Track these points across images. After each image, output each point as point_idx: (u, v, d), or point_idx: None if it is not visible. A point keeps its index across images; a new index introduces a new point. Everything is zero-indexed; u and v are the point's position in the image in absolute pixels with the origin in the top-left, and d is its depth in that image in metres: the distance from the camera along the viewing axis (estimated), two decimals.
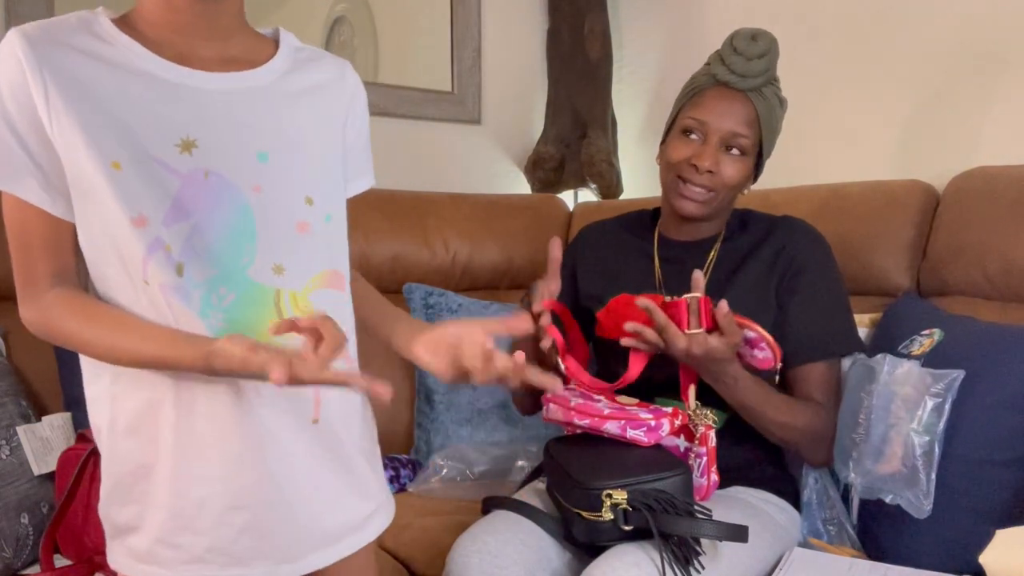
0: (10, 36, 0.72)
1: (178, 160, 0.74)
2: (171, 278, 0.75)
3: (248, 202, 0.78)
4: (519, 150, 2.34)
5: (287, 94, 0.82)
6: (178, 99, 0.75)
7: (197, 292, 0.75)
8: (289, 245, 0.80)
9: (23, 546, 1.19)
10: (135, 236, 0.73)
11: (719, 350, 1.07)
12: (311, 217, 0.82)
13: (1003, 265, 1.35)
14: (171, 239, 0.74)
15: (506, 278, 1.97)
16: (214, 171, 0.76)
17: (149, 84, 0.75)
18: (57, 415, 1.31)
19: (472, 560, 1.02)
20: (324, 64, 0.88)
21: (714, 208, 1.26)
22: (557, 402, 1.17)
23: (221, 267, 0.77)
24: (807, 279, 1.25)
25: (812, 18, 1.87)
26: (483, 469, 1.57)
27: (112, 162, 0.72)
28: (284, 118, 0.81)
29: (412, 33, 2.20)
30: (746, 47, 1.23)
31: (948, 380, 1.11)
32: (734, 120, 1.22)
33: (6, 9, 1.58)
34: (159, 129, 0.74)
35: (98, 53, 0.74)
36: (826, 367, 1.24)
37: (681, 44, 2.20)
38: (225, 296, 0.77)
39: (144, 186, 0.73)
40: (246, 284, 0.78)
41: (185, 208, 0.75)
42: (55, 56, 0.72)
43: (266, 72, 0.82)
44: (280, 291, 0.80)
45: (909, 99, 1.71)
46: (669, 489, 1.00)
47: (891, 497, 1.13)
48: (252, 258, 0.78)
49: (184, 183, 0.75)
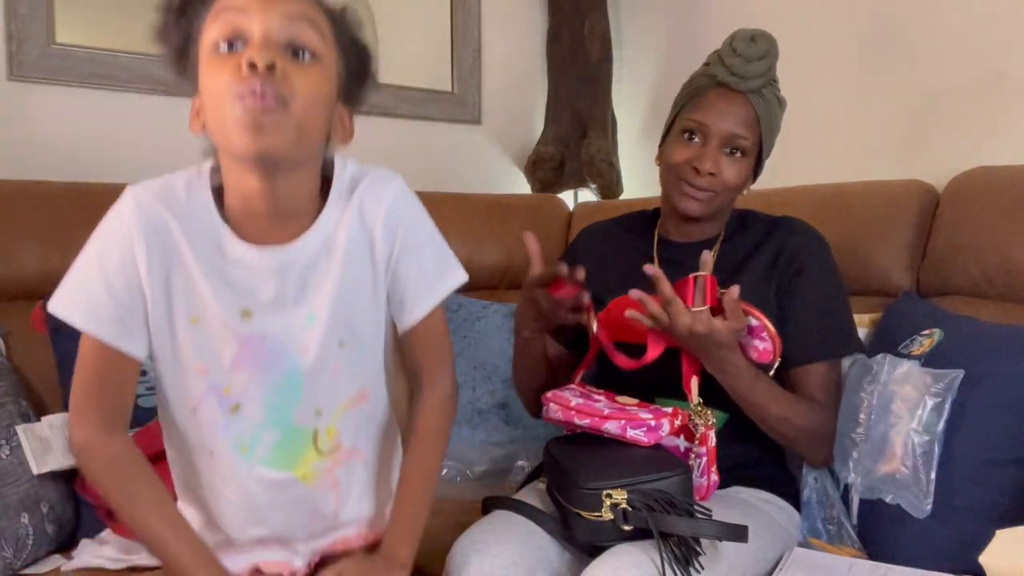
0: (127, 197, 0.84)
1: (240, 325, 0.86)
2: (221, 417, 0.87)
3: (298, 365, 0.88)
4: (519, 150, 2.34)
5: (333, 248, 0.89)
6: (240, 272, 0.86)
7: (247, 432, 0.88)
8: (327, 390, 0.91)
9: (23, 546, 1.19)
10: (197, 380, 0.86)
11: (722, 332, 1.07)
12: (343, 358, 0.91)
13: (1003, 265, 1.35)
14: (229, 385, 0.86)
15: (506, 278, 1.97)
16: (270, 335, 0.87)
17: (223, 258, 0.86)
18: (57, 415, 1.31)
19: (472, 560, 1.02)
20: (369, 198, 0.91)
21: (715, 208, 1.26)
22: (557, 402, 1.17)
23: (270, 415, 0.88)
24: (807, 279, 1.25)
25: (812, 18, 1.87)
26: (483, 469, 1.57)
27: (192, 317, 0.85)
28: (332, 275, 0.89)
29: (412, 33, 2.20)
30: (746, 48, 1.23)
31: (948, 380, 1.11)
32: (734, 121, 1.22)
33: (6, 9, 1.59)
34: (226, 297, 0.85)
35: (192, 226, 0.85)
36: (826, 367, 1.24)
37: (681, 44, 2.20)
38: (270, 438, 0.89)
39: (212, 341, 0.85)
40: (289, 428, 0.90)
41: (244, 364, 0.86)
42: (159, 222, 0.84)
43: (314, 235, 0.88)
44: (317, 429, 0.91)
45: (909, 99, 1.71)
46: (669, 489, 1.00)
47: (891, 497, 1.13)
48: (297, 406, 0.89)
49: (242, 344, 0.86)
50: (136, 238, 0.83)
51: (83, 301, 0.84)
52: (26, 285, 1.44)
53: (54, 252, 1.46)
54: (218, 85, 0.79)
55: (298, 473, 0.91)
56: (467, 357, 1.70)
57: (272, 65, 0.77)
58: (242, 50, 0.79)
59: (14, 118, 1.61)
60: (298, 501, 0.93)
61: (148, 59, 1.74)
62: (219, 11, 0.80)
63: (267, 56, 0.77)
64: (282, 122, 0.78)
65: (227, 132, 0.79)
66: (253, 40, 0.79)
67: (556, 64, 2.29)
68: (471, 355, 1.71)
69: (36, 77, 1.62)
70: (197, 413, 0.88)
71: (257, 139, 0.78)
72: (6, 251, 1.43)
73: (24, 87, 1.62)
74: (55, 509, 1.25)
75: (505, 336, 1.75)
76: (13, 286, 1.44)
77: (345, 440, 0.94)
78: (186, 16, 0.83)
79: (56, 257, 1.46)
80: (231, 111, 0.78)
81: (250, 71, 0.76)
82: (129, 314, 0.84)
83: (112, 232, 0.84)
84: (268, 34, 0.79)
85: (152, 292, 0.84)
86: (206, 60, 0.81)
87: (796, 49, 1.88)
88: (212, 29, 0.80)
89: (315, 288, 0.88)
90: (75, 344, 1.35)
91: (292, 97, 0.79)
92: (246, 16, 0.79)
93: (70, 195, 1.51)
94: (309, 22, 0.81)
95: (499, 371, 1.72)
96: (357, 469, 0.97)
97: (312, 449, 0.92)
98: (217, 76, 0.79)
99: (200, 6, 0.82)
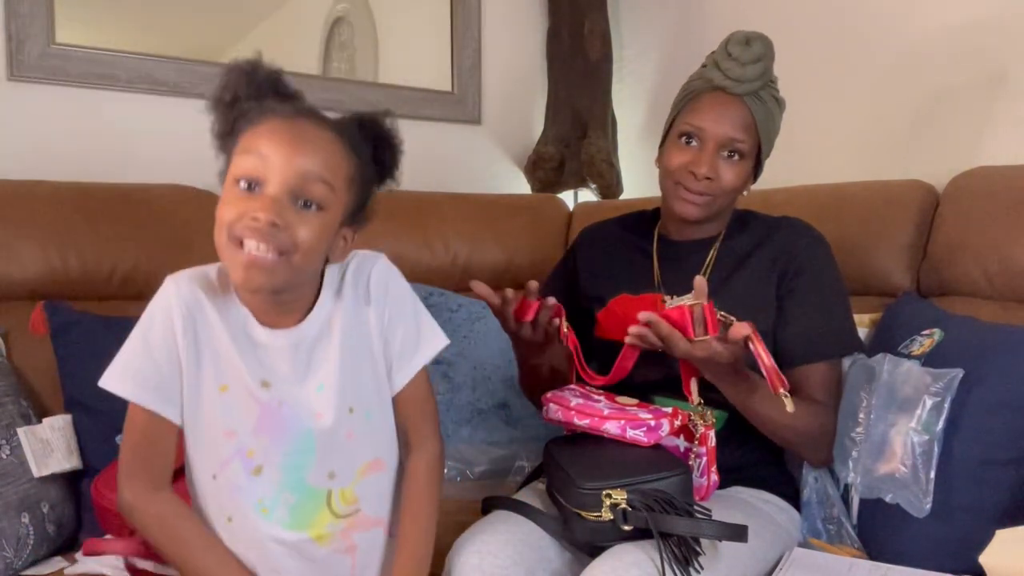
0: (168, 283, 0.96)
1: (260, 392, 0.95)
2: (244, 480, 0.95)
3: (311, 427, 0.96)
4: (519, 150, 2.34)
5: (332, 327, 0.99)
6: (259, 350, 0.96)
7: (268, 494, 0.96)
8: (340, 453, 0.98)
9: (23, 546, 1.19)
10: (225, 444, 0.95)
11: (723, 355, 1.06)
12: (354, 424, 0.99)
13: (1003, 265, 1.35)
14: (254, 447, 0.95)
15: (506, 278, 1.97)
16: (286, 402, 0.96)
17: (247, 336, 0.96)
18: (58, 417, 1.31)
19: (472, 560, 1.02)
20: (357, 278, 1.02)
21: (714, 211, 1.27)
22: (557, 402, 1.17)
23: (286, 476, 0.96)
24: (807, 279, 1.25)
25: (812, 17, 1.87)
26: (483, 469, 1.57)
27: (221, 385, 0.95)
28: (333, 349, 0.98)
29: (412, 33, 2.20)
30: (741, 52, 1.22)
31: (947, 379, 1.11)
32: (731, 125, 1.22)
33: (6, 9, 1.59)
34: (249, 370, 0.95)
35: (221, 307, 0.96)
36: (827, 367, 1.24)
37: (681, 44, 2.20)
38: (288, 500, 0.96)
39: (238, 407, 0.95)
40: (305, 489, 0.97)
41: (265, 428, 0.95)
42: (194, 303, 0.95)
43: (314, 319, 0.98)
44: (331, 491, 0.98)
45: (909, 99, 1.71)
46: (669, 489, 1.00)
47: (891, 496, 1.13)
48: (311, 468, 0.97)
49: (263, 410, 0.95)
50: (176, 316, 0.93)
51: (132, 374, 0.94)
52: (26, 285, 1.44)
53: (54, 252, 1.46)
54: (228, 215, 0.88)
55: (312, 534, 0.97)
56: (467, 357, 1.70)
57: (275, 223, 0.87)
58: (257, 194, 0.88)
59: (14, 118, 1.61)
60: (315, 563, 0.98)
61: (148, 59, 1.74)
62: (248, 147, 0.90)
63: (271, 213, 0.87)
64: (278, 271, 0.89)
65: (228, 266, 0.91)
66: (266, 192, 0.88)
67: (556, 64, 2.29)
68: (471, 355, 1.71)
69: (36, 77, 1.62)
70: (218, 479, 0.96)
71: (250, 280, 0.89)
72: (6, 251, 1.43)
73: (24, 87, 1.62)
74: (56, 509, 1.25)
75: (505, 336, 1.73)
76: (13, 286, 1.44)
77: (365, 507, 1.01)
78: (233, 112, 0.94)
79: (56, 257, 1.46)
80: (232, 255, 0.88)
81: (255, 221, 0.86)
82: (168, 384, 0.94)
83: (156, 312, 0.95)
84: (279, 191, 0.88)
85: (187, 363, 0.94)
86: (230, 181, 0.91)
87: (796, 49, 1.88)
88: (240, 159, 0.90)
89: (321, 362, 0.98)
90: (75, 345, 1.37)
91: (294, 248, 0.89)
92: (266, 166, 0.88)
93: (70, 195, 1.51)
94: (321, 181, 0.90)
95: (499, 371, 1.72)
96: (379, 538, 1.03)
97: (326, 510, 0.98)
98: (230, 207, 0.89)
99: (243, 120, 0.92)
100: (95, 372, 1.35)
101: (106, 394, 1.32)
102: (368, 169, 0.99)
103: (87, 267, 1.49)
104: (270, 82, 0.95)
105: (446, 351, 1.62)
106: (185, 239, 1.58)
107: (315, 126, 0.93)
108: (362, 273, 1.02)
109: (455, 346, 1.69)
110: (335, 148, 0.93)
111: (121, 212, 1.53)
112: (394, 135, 1.03)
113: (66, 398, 1.36)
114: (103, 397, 1.33)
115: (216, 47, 1.88)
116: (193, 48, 1.82)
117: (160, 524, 0.95)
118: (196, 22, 1.87)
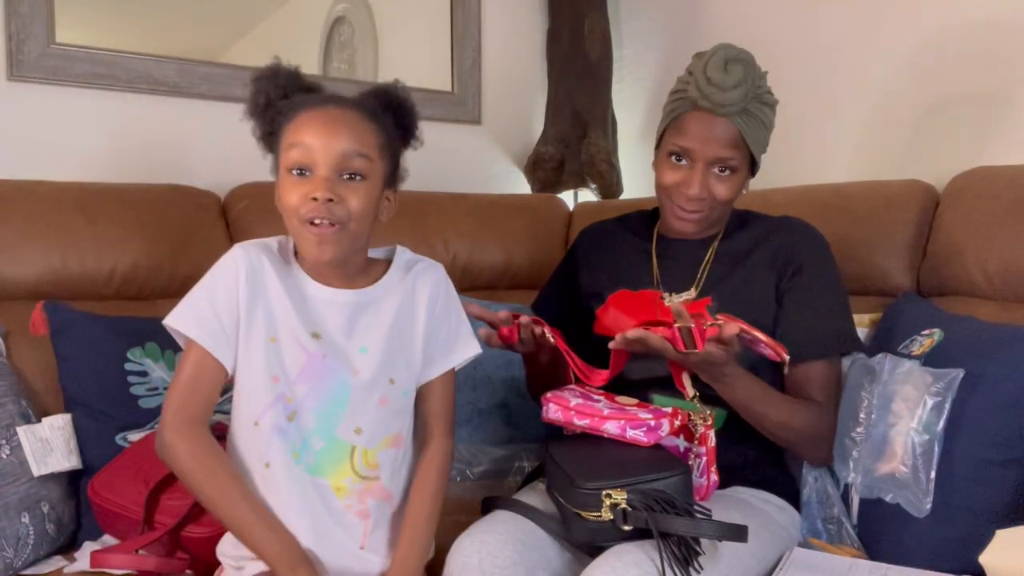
0: (235, 247, 1.09)
1: (310, 343, 1.07)
2: (282, 423, 1.05)
3: (348, 381, 1.07)
4: (519, 150, 2.34)
5: (385, 303, 1.12)
6: (316, 305, 1.09)
7: (299, 438, 1.05)
8: (370, 415, 1.08)
9: (23, 546, 1.19)
10: (268, 388, 1.05)
11: (716, 356, 1.06)
12: (391, 394, 1.10)
13: (1003, 265, 1.35)
14: (292, 394, 1.05)
15: (506, 278, 1.97)
16: (330, 355, 1.07)
17: (303, 294, 1.09)
18: (58, 416, 1.31)
19: (472, 560, 1.02)
20: (421, 276, 1.16)
21: (711, 221, 1.29)
22: (557, 402, 1.17)
23: (319, 423, 1.06)
24: (806, 278, 1.25)
25: (812, 16, 1.87)
26: (483, 469, 1.57)
27: (271, 337, 1.06)
28: (382, 322, 1.11)
29: (412, 33, 2.20)
30: (721, 78, 1.19)
31: (948, 379, 1.11)
32: (718, 144, 1.22)
33: (6, 9, 1.59)
34: (302, 322, 1.07)
35: (281, 269, 1.09)
36: (826, 366, 1.24)
37: (681, 44, 2.20)
38: (316, 445, 1.06)
39: (285, 356, 1.06)
40: (333, 438, 1.07)
41: (308, 376, 1.06)
42: (257, 264, 1.07)
43: (375, 289, 1.12)
44: (355, 447, 1.07)
45: (909, 99, 1.71)
46: (669, 489, 1.00)
47: (891, 496, 1.13)
48: (341, 420, 1.07)
49: (309, 359, 1.06)
50: (241, 274, 1.06)
51: (193, 317, 1.05)
52: (26, 285, 1.44)
53: (54, 252, 1.46)
54: (292, 200, 1.03)
55: (332, 483, 1.06)
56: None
57: (331, 199, 1.01)
58: (309, 177, 1.03)
59: (14, 118, 1.61)
60: (332, 515, 1.06)
61: (148, 59, 1.74)
62: (292, 140, 1.04)
63: (326, 191, 1.01)
64: (342, 239, 1.04)
65: (301, 243, 1.06)
66: (317, 174, 1.03)
67: (556, 64, 2.29)
68: None
69: (36, 77, 1.62)
70: (260, 424, 1.05)
71: (323, 253, 1.04)
72: (6, 251, 1.43)
73: (24, 87, 1.62)
74: (56, 509, 1.25)
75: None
76: (13, 286, 1.44)
77: (384, 476, 1.09)
78: (268, 114, 1.08)
79: (56, 257, 1.46)
80: (304, 234, 1.03)
81: (314, 201, 1.01)
82: (226, 332, 1.05)
83: (222, 269, 1.07)
84: (327, 172, 1.03)
85: (244, 314, 1.05)
86: (283, 172, 1.05)
87: (796, 49, 1.88)
88: (288, 152, 1.04)
89: (369, 328, 1.10)
90: (75, 345, 1.37)
91: (349, 217, 1.03)
92: (311, 153, 1.03)
93: (70, 195, 1.51)
94: (359, 155, 1.04)
95: (499, 371, 1.72)
96: (387, 512, 1.10)
97: (348, 465, 1.07)
98: (291, 193, 1.03)
99: (280, 118, 1.07)
100: (95, 372, 1.36)
101: (105, 394, 1.34)
102: (393, 135, 1.12)
103: (87, 267, 1.49)
104: (292, 80, 1.09)
105: None
106: (185, 239, 1.58)
107: (343, 109, 1.06)
108: (426, 275, 1.16)
109: None
110: (363, 124, 1.06)
111: (121, 212, 1.53)
112: (408, 100, 1.15)
113: (66, 398, 1.36)
114: (103, 397, 1.35)
115: (216, 47, 1.88)
116: (193, 48, 1.82)
117: (194, 458, 1.03)
118: (196, 22, 1.87)
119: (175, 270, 1.56)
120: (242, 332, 1.06)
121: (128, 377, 1.37)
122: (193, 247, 1.59)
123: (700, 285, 1.29)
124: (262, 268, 1.07)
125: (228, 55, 1.89)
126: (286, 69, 1.09)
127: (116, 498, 1.22)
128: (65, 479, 1.30)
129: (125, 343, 1.38)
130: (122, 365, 1.37)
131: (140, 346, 1.39)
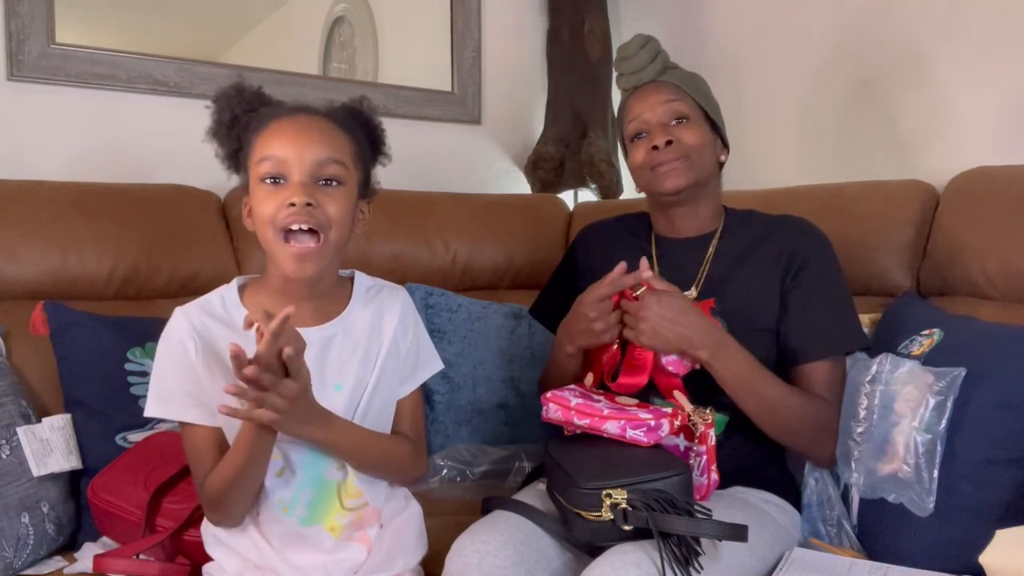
0: (177, 315, 1.05)
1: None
2: (270, 481, 1.04)
3: None
4: (519, 150, 2.34)
5: (354, 335, 1.10)
6: None
7: (288, 494, 1.05)
8: None
9: (23, 546, 1.19)
10: None
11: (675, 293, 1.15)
12: (367, 422, 1.09)
13: (1003, 265, 1.35)
14: (278, 450, 1.02)
15: (506, 278, 1.97)
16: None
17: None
18: (58, 416, 1.31)
19: (472, 560, 1.02)
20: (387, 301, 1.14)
21: (696, 177, 1.28)
22: (557, 402, 1.17)
23: (307, 472, 1.05)
24: (810, 276, 1.25)
25: (812, 16, 1.87)
26: (483, 469, 1.57)
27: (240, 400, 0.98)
28: (351, 353, 1.09)
29: (412, 33, 2.20)
30: (625, 50, 1.33)
31: (950, 378, 1.11)
32: (659, 102, 1.29)
33: (6, 9, 1.59)
34: None
35: (229, 331, 1.03)
36: (831, 364, 1.24)
37: (681, 44, 2.19)
38: (306, 496, 1.05)
39: None
40: (320, 483, 1.06)
41: None
42: (200, 327, 1.04)
43: (341, 321, 1.09)
44: (340, 484, 1.07)
45: (909, 99, 1.71)
46: (669, 489, 1.00)
47: (893, 496, 1.13)
48: (327, 462, 1.06)
49: None
50: (186, 339, 1.03)
51: (164, 398, 1.04)
52: (26, 285, 1.44)
53: (54, 252, 1.46)
54: (267, 210, 1.00)
55: (327, 526, 1.06)
56: (467, 357, 1.70)
57: (309, 203, 0.98)
58: (284, 185, 1.00)
59: (14, 118, 1.61)
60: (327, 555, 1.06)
61: (148, 59, 1.74)
62: (263, 151, 1.01)
63: (304, 195, 0.99)
64: (324, 254, 1.01)
65: (277, 259, 1.02)
66: (292, 181, 1.00)
67: (556, 64, 2.29)
68: (471, 355, 1.71)
69: (36, 77, 1.62)
70: None
71: (303, 270, 1.01)
72: (6, 251, 1.42)
73: (24, 87, 1.62)
74: (55, 509, 1.25)
75: (505, 336, 1.75)
76: (13, 286, 1.44)
77: (368, 497, 1.09)
78: (235, 130, 1.06)
79: (56, 257, 1.46)
80: (281, 249, 1.00)
81: (292, 207, 0.98)
82: (196, 398, 1.03)
83: (168, 342, 1.04)
84: (303, 178, 1.00)
85: (208, 380, 1.02)
86: (255, 183, 1.03)
87: (797, 49, 1.88)
88: (259, 163, 1.01)
89: (340, 361, 1.08)
90: (75, 345, 1.36)
91: (329, 224, 1.01)
92: (286, 163, 1.00)
93: (70, 195, 1.51)
94: (334, 162, 1.02)
95: (499, 371, 1.72)
96: (386, 537, 1.10)
97: (336, 503, 1.07)
98: (266, 202, 1.00)
99: (247, 132, 1.04)
100: (95, 372, 1.36)
101: (105, 394, 1.34)
102: (365, 147, 1.10)
103: (87, 267, 1.49)
104: (256, 95, 1.08)
105: (446, 351, 1.64)
106: (185, 239, 1.58)
107: (313, 117, 1.05)
108: (391, 298, 1.15)
109: (455, 346, 1.69)
110: (335, 132, 1.05)
111: (121, 212, 1.53)
112: (374, 118, 1.14)
113: (66, 398, 1.36)
114: (103, 397, 1.35)
115: (216, 47, 1.88)
116: (193, 48, 1.82)
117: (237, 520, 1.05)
118: (196, 22, 1.87)
119: (175, 270, 1.57)
120: (212, 394, 1.01)
121: (128, 377, 1.37)
122: (193, 247, 1.59)
123: (700, 285, 1.29)
124: (209, 335, 1.04)
125: (228, 55, 1.89)
126: (249, 86, 1.08)
127: (116, 500, 1.22)
128: (65, 479, 1.29)
129: (125, 343, 1.38)
130: (122, 365, 1.37)
131: (140, 346, 1.39)
